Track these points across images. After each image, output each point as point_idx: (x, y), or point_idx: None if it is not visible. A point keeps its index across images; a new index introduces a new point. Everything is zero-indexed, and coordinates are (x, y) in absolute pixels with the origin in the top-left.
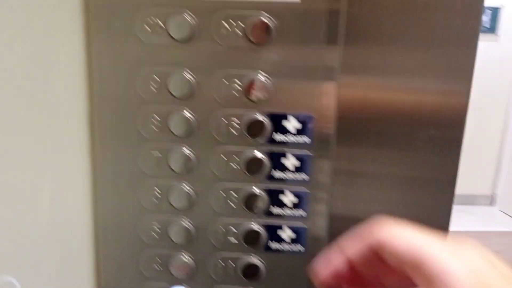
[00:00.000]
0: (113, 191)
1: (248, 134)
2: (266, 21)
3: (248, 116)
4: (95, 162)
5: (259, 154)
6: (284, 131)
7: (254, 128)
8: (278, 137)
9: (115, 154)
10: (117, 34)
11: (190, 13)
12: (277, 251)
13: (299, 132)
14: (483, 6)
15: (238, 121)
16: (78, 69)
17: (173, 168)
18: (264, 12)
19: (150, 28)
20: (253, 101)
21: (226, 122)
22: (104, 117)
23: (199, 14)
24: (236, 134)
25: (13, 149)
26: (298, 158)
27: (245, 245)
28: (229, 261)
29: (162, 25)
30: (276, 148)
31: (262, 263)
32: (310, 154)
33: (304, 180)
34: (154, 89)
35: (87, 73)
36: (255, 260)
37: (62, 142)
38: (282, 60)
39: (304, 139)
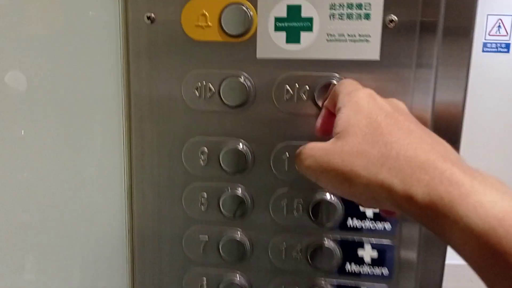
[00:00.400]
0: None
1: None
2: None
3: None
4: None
5: (329, 244)
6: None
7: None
8: (353, 222)
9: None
10: (161, 100)
11: (247, 75)
12: None
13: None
14: None
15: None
16: (118, 147)
17: (223, 256)
18: (336, 74)
19: (198, 93)
20: None
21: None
22: (146, 196)
23: (257, 76)
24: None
25: None
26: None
27: None
28: None
29: (213, 89)
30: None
31: None
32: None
33: (383, 274)
34: (202, 162)
35: (126, 150)
36: None
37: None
38: None
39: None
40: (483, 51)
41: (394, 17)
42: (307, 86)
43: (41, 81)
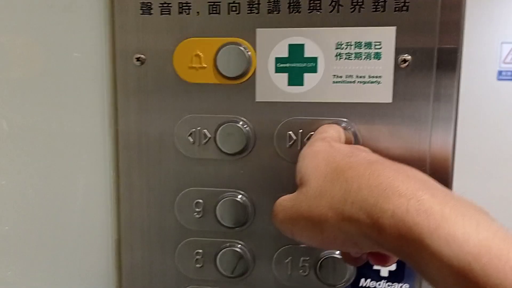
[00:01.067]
0: None
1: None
2: (347, 129)
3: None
4: None
5: None
6: None
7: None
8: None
9: None
10: (151, 146)
11: (245, 120)
12: None
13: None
14: None
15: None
16: (103, 198)
17: None
18: (344, 119)
19: (193, 139)
20: None
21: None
22: (135, 251)
23: (257, 121)
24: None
25: None
26: None
27: None
28: None
29: (208, 135)
30: None
31: None
32: None
33: None
34: (197, 215)
35: (113, 202)
36: None
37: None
38: None
39: None
40: (498, 79)
41: (407, 57)
42: (312, 132)
43: (20, 128)
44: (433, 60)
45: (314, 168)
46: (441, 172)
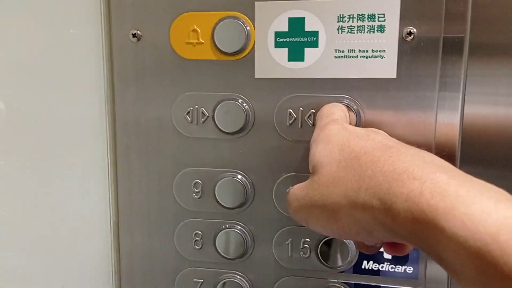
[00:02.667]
0: None
1: None
2: (350, 106)
3: None
4: None
5: None
6: None
7: None
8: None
9: None
10: (149, 126)
11: (244, 98)
12: None
13: None
14: None
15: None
16: (102, 181)
17: None
18: (346, 95)
19: (190, 118)
20: None
21: None
22: (134, 234)
23: (256, 98)
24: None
25: None
26: None
27: None
28: None
29: (207, 113)
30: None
31: None
32: None
33: None
34: (196, 196)
35: (112, 184)
36: None
37: None
38: None
39: None
40: None
41: (413, 29)
42: (313, 110)
43: (19, 109)
44: (440, 33)
45: (327, 155)
46: (448, 152)
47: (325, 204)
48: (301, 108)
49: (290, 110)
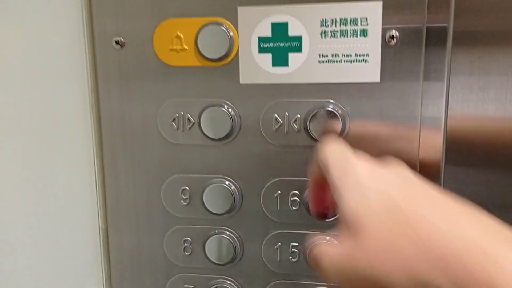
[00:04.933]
0: None
1: None
2: (335, 111)
3: None
4: None
5: None
6: None
7: None
8: None
9: None
10: (135, 134)
11: (230, 104)
12: None
13: None
14: None
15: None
16: (88, 187)
17: None
18: (331, 100)
19: (176, 124)
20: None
21: None
22: (123, 240)
23: (241, 104)
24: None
25: None
26: None
27: None
28: None
29: (192, 119)
30: None
31: None
32: None
33: None
34: (184, 203)
35: (99, 190)
36: None
37: None
38: None
39: None
40: None
41: (395, 33)
42: (298, 115)
43: (1, 115)
44: (422, 37)
45: (367, 213)
46: (432, 154)
47: (377, 276)
48: (287, 113)
49: (276, 115)
